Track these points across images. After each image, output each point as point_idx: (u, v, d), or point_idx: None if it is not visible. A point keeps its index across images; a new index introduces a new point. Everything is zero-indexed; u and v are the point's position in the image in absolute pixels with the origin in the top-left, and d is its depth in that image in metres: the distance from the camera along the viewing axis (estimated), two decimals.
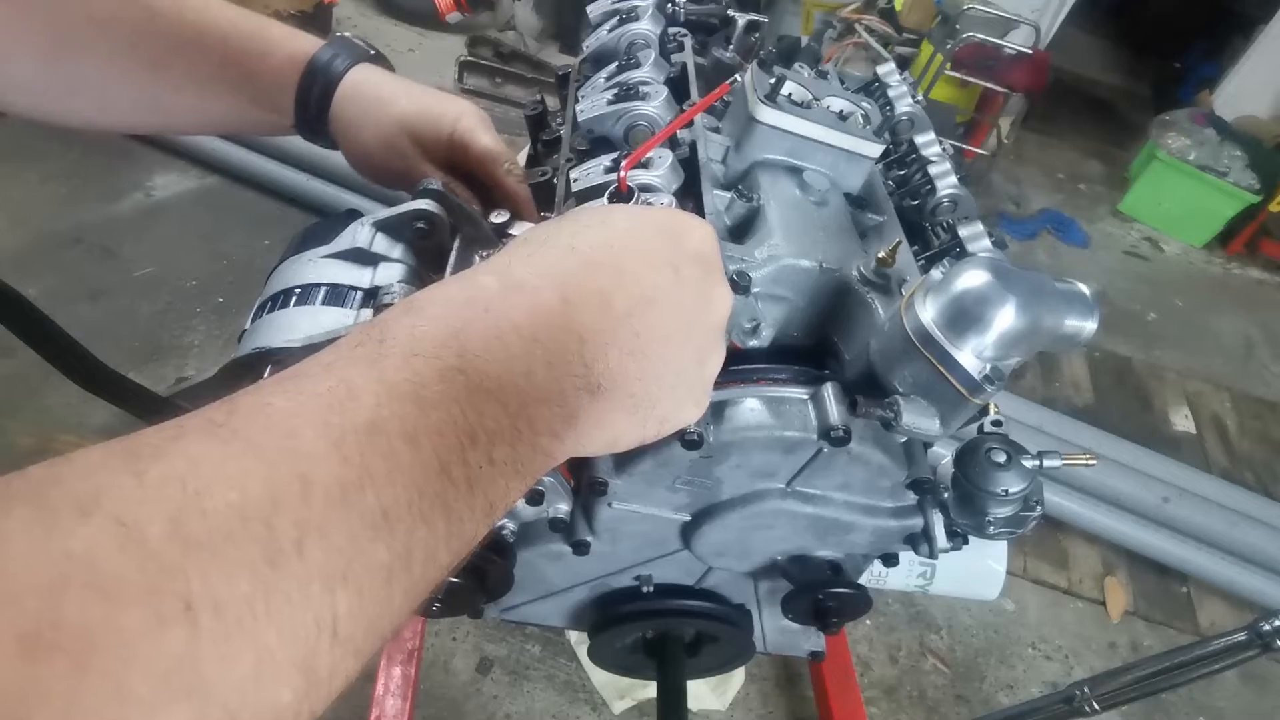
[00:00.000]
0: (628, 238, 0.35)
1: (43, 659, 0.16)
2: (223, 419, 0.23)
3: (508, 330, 0.29)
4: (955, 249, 0.56)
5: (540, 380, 0.29)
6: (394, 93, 0.56)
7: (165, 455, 0.21)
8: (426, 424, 0.25)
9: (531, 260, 0.32)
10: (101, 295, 1.90)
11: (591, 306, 0.32)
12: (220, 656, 0.19)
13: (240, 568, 0.20)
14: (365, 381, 0.25)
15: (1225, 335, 2.85)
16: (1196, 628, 1.83)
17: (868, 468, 0.49)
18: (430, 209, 0.52)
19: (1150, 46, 4.60)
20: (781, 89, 0.52)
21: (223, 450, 0.21)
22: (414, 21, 3.23)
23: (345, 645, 0.22)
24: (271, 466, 0.22)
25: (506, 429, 0.28)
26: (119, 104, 0.53)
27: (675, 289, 0.35)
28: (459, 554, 0.27)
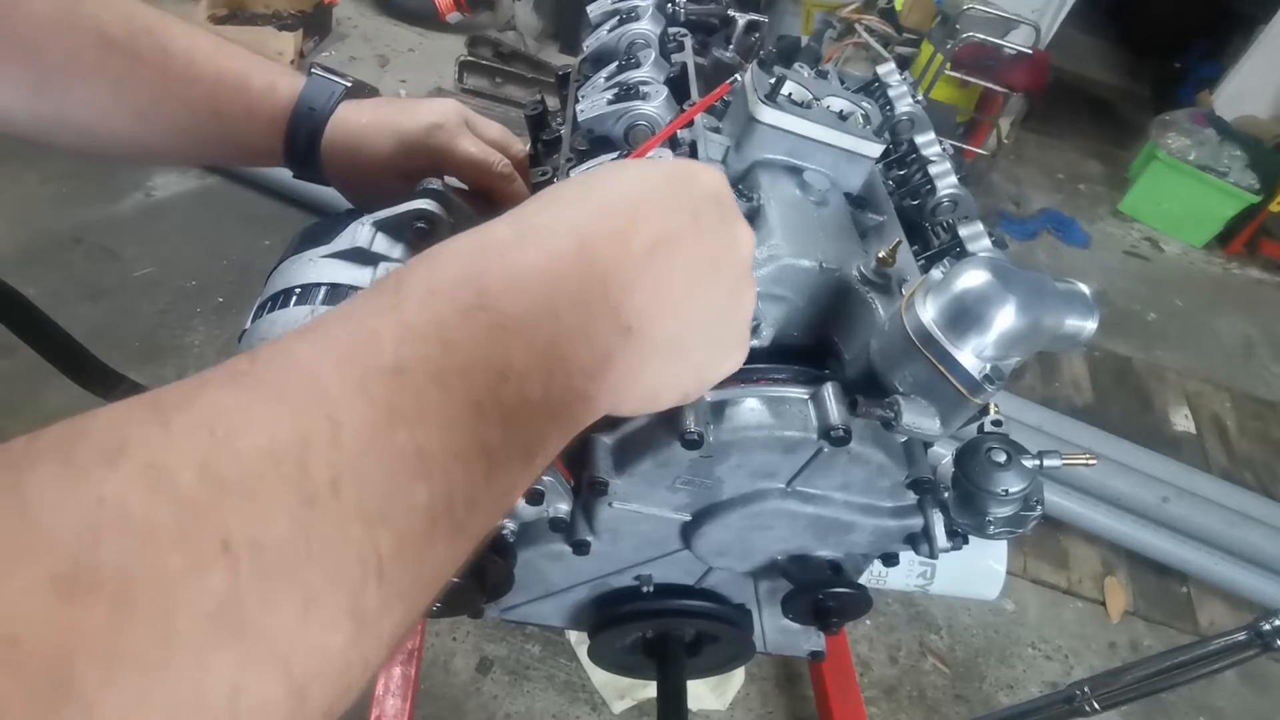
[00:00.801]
0: (639, 185, 0.34)
1: (81, 601, 0.16)
2: (245, 368, 0.22)
3: (527, 271, 0.28)
4: (955, 249, 0.56)
5: (566, 319, 0.28)
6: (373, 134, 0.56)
7: (190, 404, 0.20)
8: (452, 362, 0.24)
9: (544, 211, 0.32)
10: (101, 295, 1.90)
11: (610, 248, 0.31)
12: (264, 597, 0.18)
13: (276, 508, 0.19)
14: (385, 325, 0.24)
15: (1225, 335, 2.85)
16: (1196, 627, 1.84)
17: (868, 467, 0.49)
18: (430, 208, 0.52)
19: (1150, 46, 4.60)
20: (781, 89, 0.52)
21: (248, 397, 0.21)
22: (414, 21, 3.23)
23: (393, 590, 0.22)
24: (298, 410, 0.21)
25: (536, 368, 0.27)
26: (106, 140, 0.52)
27: (694, 229, 0.34)
28: (503, 502, 0.27)
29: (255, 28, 2.83)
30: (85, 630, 0.16)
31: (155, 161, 0.60)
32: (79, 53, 0.47)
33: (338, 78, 0.55)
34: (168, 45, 0.49)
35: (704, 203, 0.35)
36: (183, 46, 0.50)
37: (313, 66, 0.56)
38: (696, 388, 0.37)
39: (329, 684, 0.20)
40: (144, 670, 0.16)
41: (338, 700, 0.21)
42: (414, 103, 0.57)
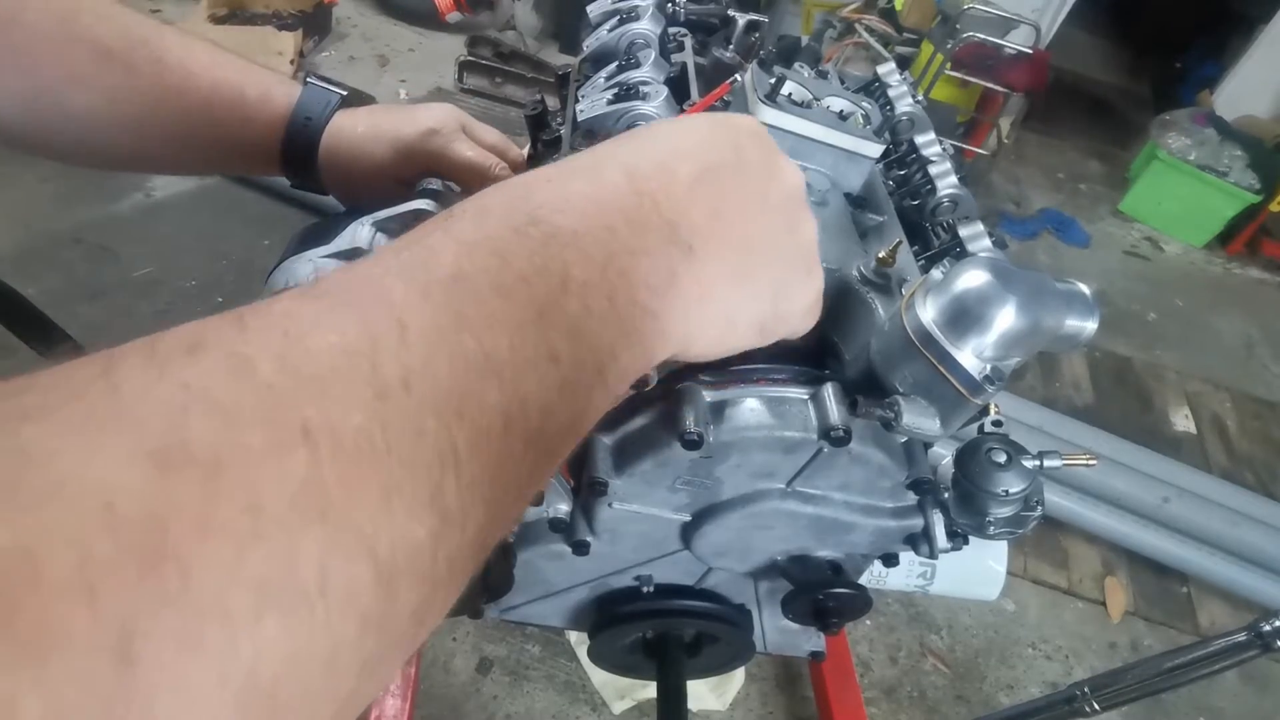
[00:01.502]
0: (679, 129, 0.34)
1: (175, 472, 0.16)
2: (310, 287, 0.23)
3: (575, 194, 0.28)
4: (955, 249, 0.56)
5: (622, 234, 0.28)
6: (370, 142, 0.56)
7: (262, 311, 0.21)
8: (511, 272, 0.25)
9: (584, 155, 0.32)
10: (101, 295, 1.90)
11: (657, 177, 0.31)
12: (345, 482, 0.19)
13: (351, 399, 0.20)
14: (442, 243, 0.25)
15: (1225, 335, 2.85)
16: (1196, 628, 1.84)
17: (868, 468, 0.49)
18: (429, 209, 0.52)
19: (1150, 46, 4.60)
20: (781, 89, 0.52)
21: (316, 305, 0.22)
22: (414, 21, 3.23)
23: (472, 488, 0.22)
24: (365, 314, 0.22)
25: (597, 280, 0.27)
26: (102, 151, 0.53)
27: (737, 163, 0.34)
28: (580, 419, 0.27)
29: (255, 27, 2.83)
30: (179, 498, 0.16)
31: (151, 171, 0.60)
32: (75, 65, 0.47)
33: (334, 87, 0.55)
34: (163, 56, 0.49)
35: (745, 140, 0.35)
36: (178, 58, 0.50)
37: (308, 76, 0.56)
38: (774, 318, 0.36)
39: (416, 580, 0.20)
40: (236, 539, 0.17)
41: (426, 604, 0.21)
42: (410, 109, 0.57)
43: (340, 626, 0.18)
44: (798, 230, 0.36)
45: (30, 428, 0.16)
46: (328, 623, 0.18)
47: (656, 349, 0.30)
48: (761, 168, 0.35)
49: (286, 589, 0.17)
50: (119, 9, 0.49)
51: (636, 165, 0.31)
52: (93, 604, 0.14)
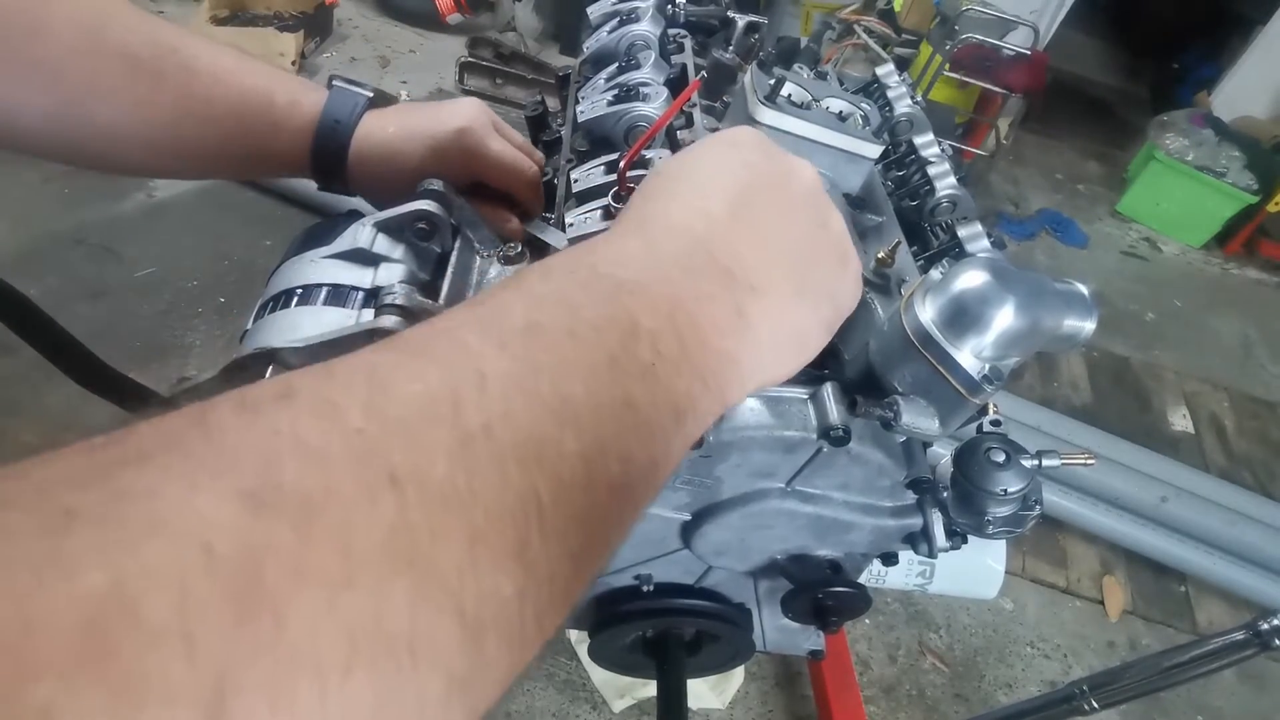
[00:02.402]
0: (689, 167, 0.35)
1: (268, 515, 0.17)
2: (388, 342, 0.24)
3: (630, 251, 0.30)
4: (954, 249, 0.56)
5: (681, 284, 0.29)
6: (402, 143, 0.55)
7: (348, 361, 0.22)
8: (582, 320, 0.25)
9: (622, 222, 0.33)
10: (103, 295, 1.90)
11: (697, 221, 0.32)
12: (432, 529, 0.19)
13: (436, 446, 0.20)
14: (510, 299, 0.26)
15: (1223, 335, 2.86)
16: (1195, 627, 1.84)
17: (867, 467, 0.49)
18: (431, 209, 0.52)
19: (1148, 47, 4.60)
20: (781, 90, 0.53)
21: (396, 355, 0.23)
22: (415, 22, 3.23)
23: (557, 539, 0.22)
24: (444, 364, 0.22)
25: (665, 327, 0.27)
26: (128, 160, 0.53)
27: (755, 177, 0.35)
28: (659, 462, 0.27)
29: (256, 29, 2.83)
30: (274, 539, 0.16)
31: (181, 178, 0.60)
32: (103, 75, 0.47)
33: (359, 88, 0.55)
34: (191, 65, 0.49)
35: (751, 154, 0.36)
36: (207, 65, 0.50)
37: (333, 78, 0.55)
38: (835, 314, 0.37)
39: (503, 638, 0.20)
40: (329, 586, 0.17)
41: (512, 663, 0.21)
42: (438, 107, 0.57)
43: (427, 683, 0.18)
44: (829, 222, 0.38)
45: (129, 471, 0.16)
46: (415, 679, 0.18)
47: (733, 390, 0.31)
48: (777, 174, 0.36)
49: (376, 640, 0.17)
50: (145, 18, 0.49)
51: (676, 216, 0.32)
52: (190, 654, 0.14)
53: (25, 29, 0.45)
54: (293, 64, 2.68)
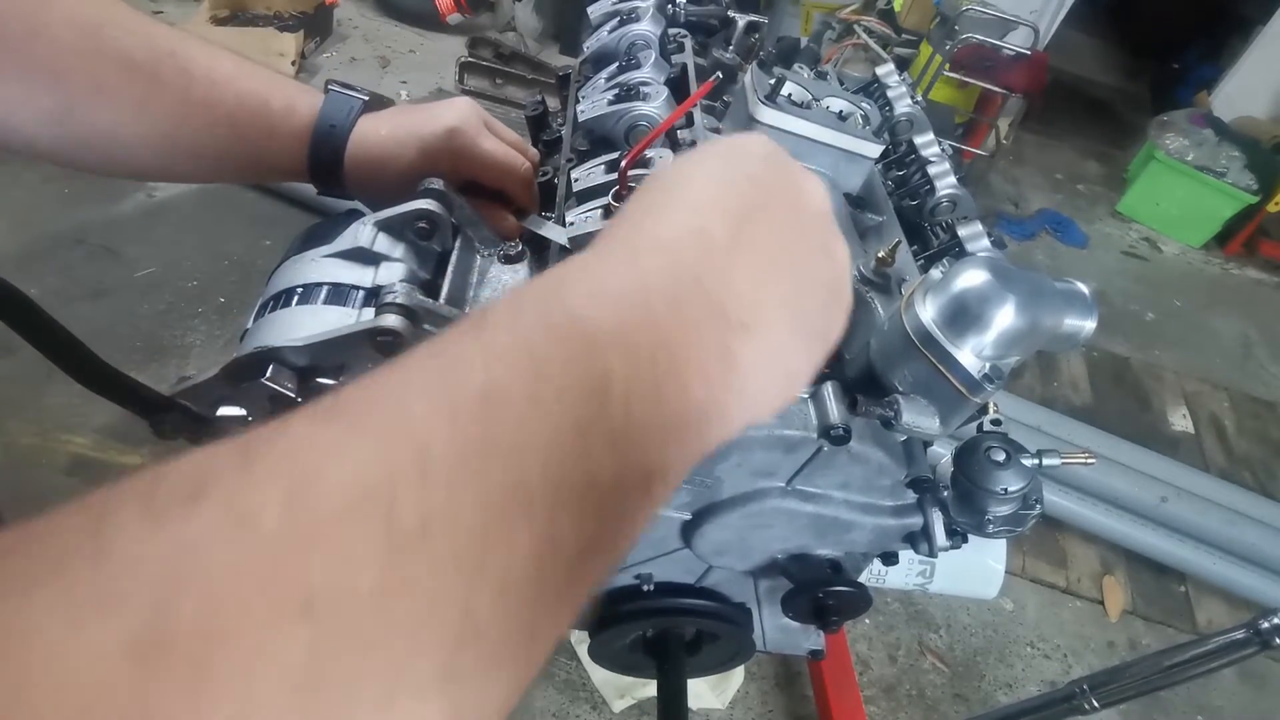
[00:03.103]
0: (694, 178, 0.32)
1: (158, 665, 0.15)
2: (328, 404, 0.21)
3: (612, 284, 0.26)
4: (954, 249, 0.56)
5: (668, 324, 0.26)
6: (395, 144, 0.56)
7: (272, 441, 0.19)
8: (548, 384, 0.22)
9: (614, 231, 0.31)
10: (103, 295, 1.90)
11: (692, 244, 0.29)
12: (347, 670, 0.17)
13: (363, 555, 0.18)
14: (470, 351, 0.23)
15: (1223, 335, 2.86)
16: (1194, 626, 1.84)
17: (867, 466, 0.49)
18: (431, 208, 0.52)
19: (1148, 47, 4.60)
20: (781, 90, 0.53)
21: (331, 430, 0.20)
22: (414, 22, 3.23)
23: (494, 651, 0.20)
24: (384, 441, 0.20)
25: (644, 378, 0.24)
26: (127, 163, 0.53)
27: (763, 197, 0.32)
28: (621, 541, 0.24)
29: (256, 29, 2.83)
30: (161, 700, 0.15)
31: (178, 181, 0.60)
32: (102, 77, 0.47)
33: (355, 92, 0.55)
34: (189, 68, 0.49)
35: (762, 168, 0.33)
36: (204, 69, 0.50)
37: (329, 83, 0.56)
38: (825, 350, 0.34)
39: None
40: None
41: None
42: (431, 107, 0.57)
43: None
44: (834, 252, 0.34)
45: (9, 603, 0.15)
46: None
47: (711, 442, 0.28)
48: (787, 194, 0.33)
49: None
50: (144, 21, 0.49)
51: (668, 236, 0.29)
52: None
53: (25, 29, 0.45)
54: (293, 64, 2.68)
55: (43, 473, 1.56)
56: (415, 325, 0.45)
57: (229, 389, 0.48)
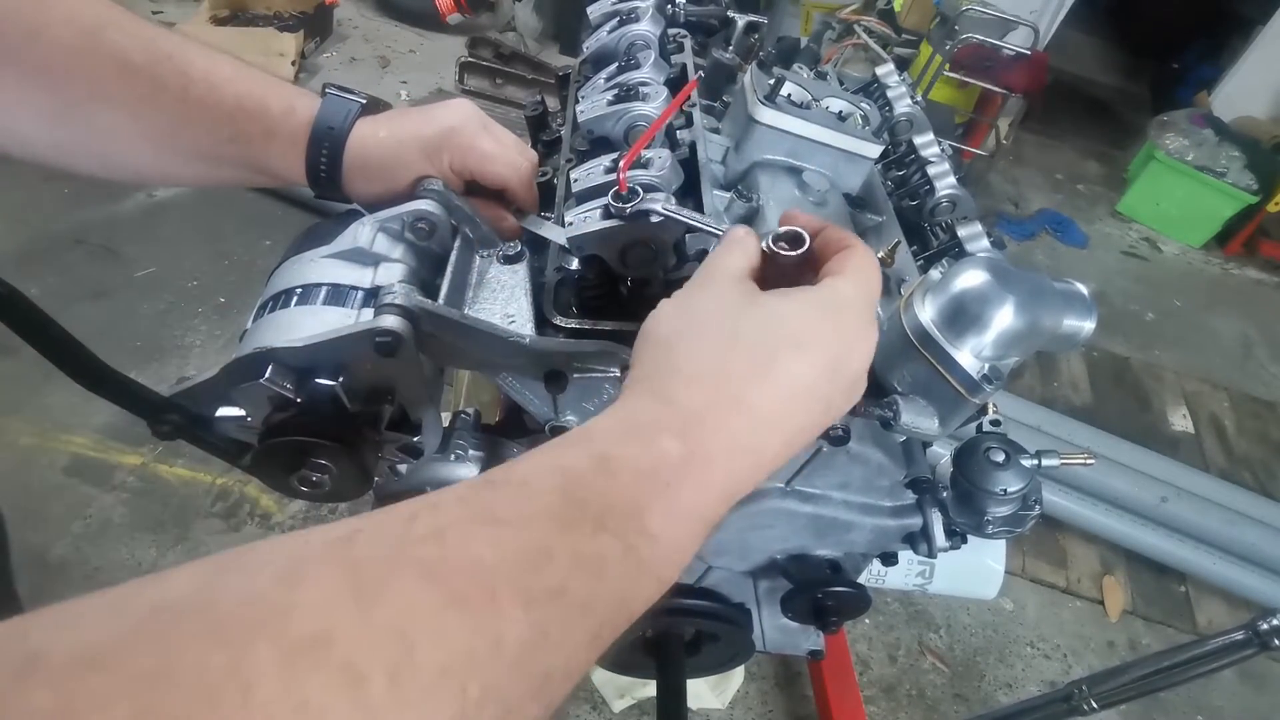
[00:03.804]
0: (792, 386, 0.35)
1: None
2: (434, 557, 0.25)
3: (682, 514, 0.31)
4: (954, 249, 0.56)
5: (700, 539, 0.32)
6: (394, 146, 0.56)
7: (386, 596, 0.23)
8: (599, 595, 0.28)
9: (708, 418, 0.33)
10: (103, 295, 1.90)
11: (758, 470, 0.34)
12: None
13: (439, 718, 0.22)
14: (560, 547, 0.27)
15: (1223, 335, 2.86)
16: (1194, 626, 1.84)
17: (867, 467, 0.49)
18: (431, 209, 0.52)
19: (1148, 47, 4.60)
20: (781, 90, 0.53)
21: (434, 599, 0.23)
22: (414, 22, 3.23)
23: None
24: (475, 623, 0.24)
25: (652, 595, 0.30)
26: (126, 166, 0.53)
27: (822, 415, 0.36)
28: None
29: (256, 29, 2.83)
30: None
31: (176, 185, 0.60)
32: (101, 80, 0.47)
33: (353, 96, 0.55)
34: (188, 70, 0.50)
35: (848, 389, 0.37)
36: (202, 71, 0.50)
37: (327, 86, 0.56)
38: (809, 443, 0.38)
39: None
40: None
41: None
42: (429, 109, 0.57)
43: None
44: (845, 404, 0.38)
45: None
46: None
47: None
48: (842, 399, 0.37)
49: None
50: (143, 24, 0.49)
51: (745, 461, 0.33)
52: None
53: (24, 31, 0.45)
54: (293, 64, 2.68)
55: (43, 473, 1.56)
56: (414, 326, 0.45)
57: (228, 389, 0.48)
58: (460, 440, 0.56)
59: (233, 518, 1.58)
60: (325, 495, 0.52)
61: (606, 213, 0.48)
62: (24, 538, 1.43)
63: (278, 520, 1.59)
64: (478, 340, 0.47)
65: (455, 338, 0.47)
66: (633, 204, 0.46)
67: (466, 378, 1.22)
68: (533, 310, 0.50)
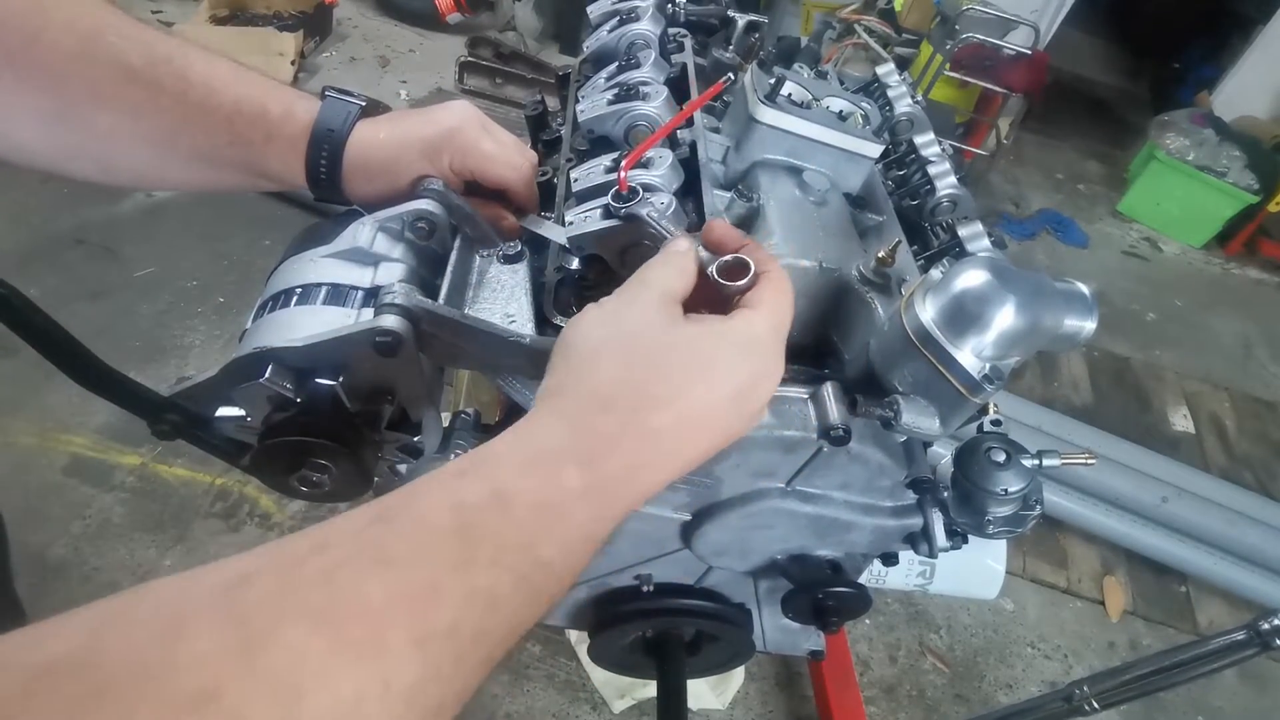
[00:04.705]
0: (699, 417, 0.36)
1: None
2: (323, 601, 0.25)
3: (577, 539, 0.32)
4: (955, 249, 0.56)
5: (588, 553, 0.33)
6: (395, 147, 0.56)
7: (273, 647, 0.23)
8: (493, 625, 0.28)
9: (617, 450, 0.34)
10: (102, 295, 1.90)
11: (652, 490, 0.35)
12: None
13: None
14: (452, 585, 0.27)
15: (1224, 335, 2.86)
16: (1195, 627, 1.84)
17: (867, 467, 0.49)
18: (430, 209, 0.52)
19: (1149, 47, 4.60)
20: (781, 89, 0.53)
21: (322, 645, 0.24)
22: (414, 22, 3.23)
23: None
24: (362, 669, 0.24)
25: (546, 612, 0.31)
26: (124, 169, 0.53)
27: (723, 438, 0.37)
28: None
29: (256, 29, 2.83)
30: None
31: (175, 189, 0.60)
32: (100, 83, 0.47)
33: (352, 98, 0.55)
34: (187, 73, 0.50)
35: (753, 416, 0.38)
36: (201, 74, 0.50)
37: (326, 89, 0.56)
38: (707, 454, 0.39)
39: None
40: None
41: None
42: (429, 110, 0.57)
43: None
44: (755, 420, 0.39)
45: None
46: None
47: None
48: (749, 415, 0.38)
49: None
50: (142, 27, 0.49)
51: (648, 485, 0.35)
52: None
53: (23, 34, 0.45)
54: (292, 64, 2.68)
55: (42, 473, 1.56)
56: (414, 326, 0.45)
57: (228, 389, 0.48)
58: (460, 440, 0.56)
59: (232, 518, 1.58)
60: (325, 495, 0.52)
61: (607, 212, 0.48)
62: (23, 538, 1.43)
63: (277, 520, 1.59)
64: (478, 340, 0.47)
65: (455, 338, 0.47)
66: (631, 204, 0.46)
67: (466, 378, 1.22)
68: (533, 310, 0.50)
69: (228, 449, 0.54)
